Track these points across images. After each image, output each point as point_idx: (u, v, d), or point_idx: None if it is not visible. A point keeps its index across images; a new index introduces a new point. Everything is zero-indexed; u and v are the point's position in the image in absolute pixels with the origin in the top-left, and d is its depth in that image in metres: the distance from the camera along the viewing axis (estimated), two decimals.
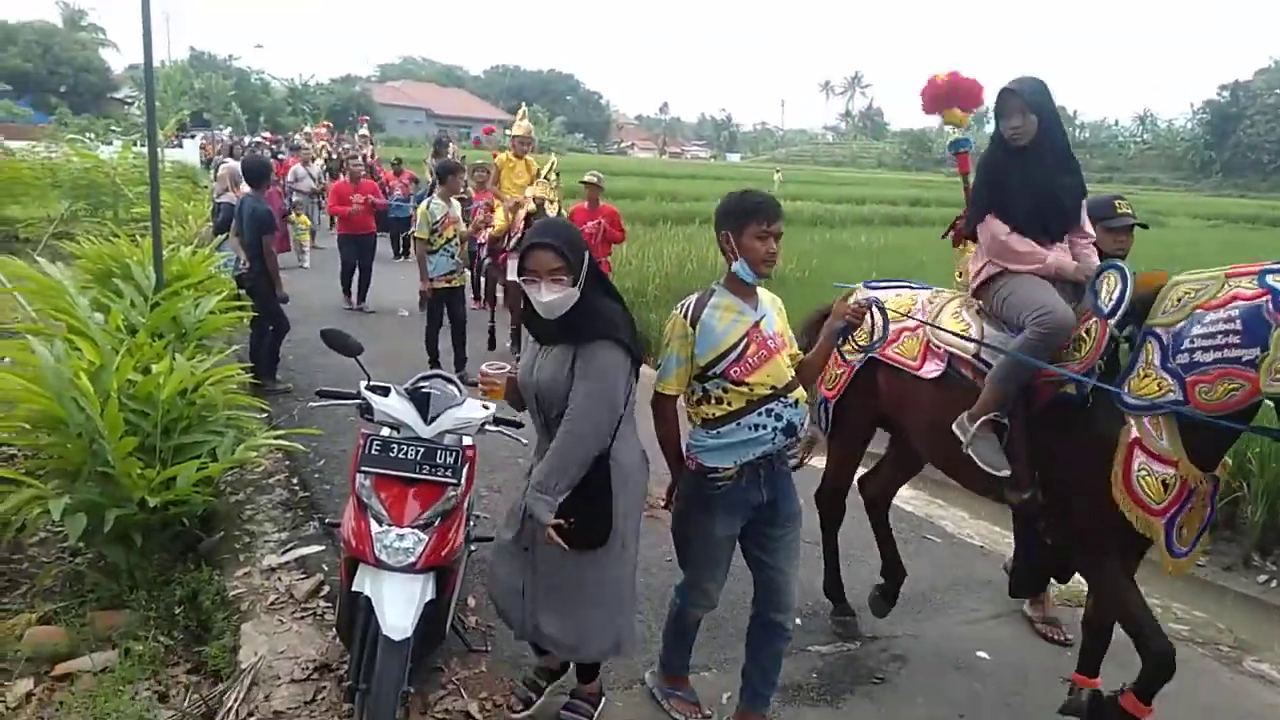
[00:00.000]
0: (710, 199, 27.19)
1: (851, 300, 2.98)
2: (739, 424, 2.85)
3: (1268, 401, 2.65)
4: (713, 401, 2.88)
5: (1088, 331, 3.04)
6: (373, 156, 16.36)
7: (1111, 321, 2.96)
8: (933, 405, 3.44)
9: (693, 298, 2.92)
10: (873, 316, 3.05)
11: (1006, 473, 3.14)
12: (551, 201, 7.96)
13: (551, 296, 2.77)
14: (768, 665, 3.12)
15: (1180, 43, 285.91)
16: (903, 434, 3.91)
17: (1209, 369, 2.67)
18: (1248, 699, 3.67)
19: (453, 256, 7.86)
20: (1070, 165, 3.35)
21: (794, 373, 2.93)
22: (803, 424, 2.94)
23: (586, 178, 8.63)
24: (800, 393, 2.93)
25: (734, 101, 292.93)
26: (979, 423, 3.18)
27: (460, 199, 8.62)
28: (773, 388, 2.85)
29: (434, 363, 7.63)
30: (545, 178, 8.36)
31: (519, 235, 8.11)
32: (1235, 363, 2.61)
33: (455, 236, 7.87)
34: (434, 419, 3.23)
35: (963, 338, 3.39)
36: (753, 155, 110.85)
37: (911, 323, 3.59)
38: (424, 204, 8.03)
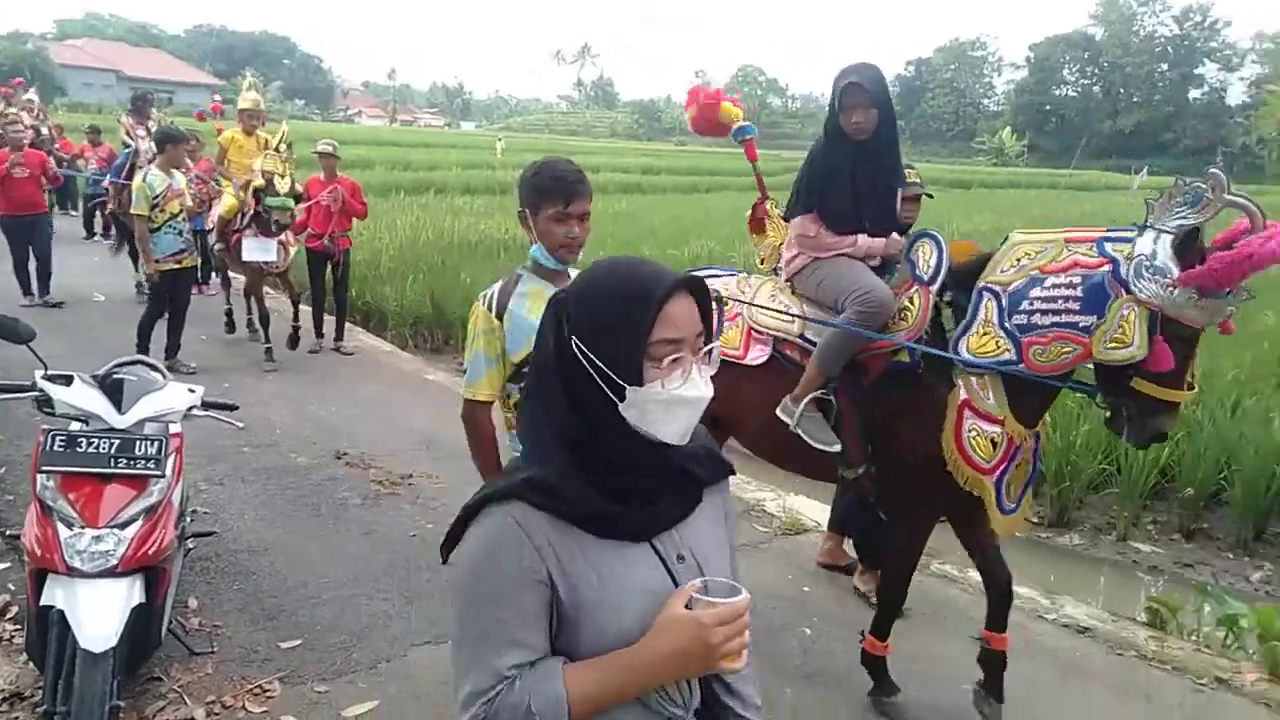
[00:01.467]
0: (444, 167, 26.61)
1: None
2: None
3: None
4: None
5: (910, 300, 3.05)
6: (37, 117, 13.29)
7: (933, 288, 3.01)
8: (761, 393, 3.30)
9: (495, 286, 2.50)
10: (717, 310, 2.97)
11: (837, 448, 3.12)
12: (282, 175, 7.29)
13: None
14: None
15: (874, 19, 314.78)
16: (730, 432, 3.66)
17: (1046, 331, 2.72)
18: (934, 594, 4.20)
19: (180, 234, 7.05)
20: (898, 159, 3.34)
21: None
22: None
23: (320, 147, 7.96)
24: None
25: (467, 70, 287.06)
26: (804, 402, 3.14)
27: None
28: None
29: (142, 349, 6.89)
30: (275, 149, 7.64)
31: (251, 213, 7.42)
32: (1072, 328, 2.67)
33: (181, 212, 7.06)
34: (130, 407, 2.94)
35: (792, 315, 3.31)
36: (488, 123, 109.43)
37: (730, 311, 3.48)
38: (140, 176, 7.07)
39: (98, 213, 13.28)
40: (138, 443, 2.87)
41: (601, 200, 21.13)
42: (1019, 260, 2.83)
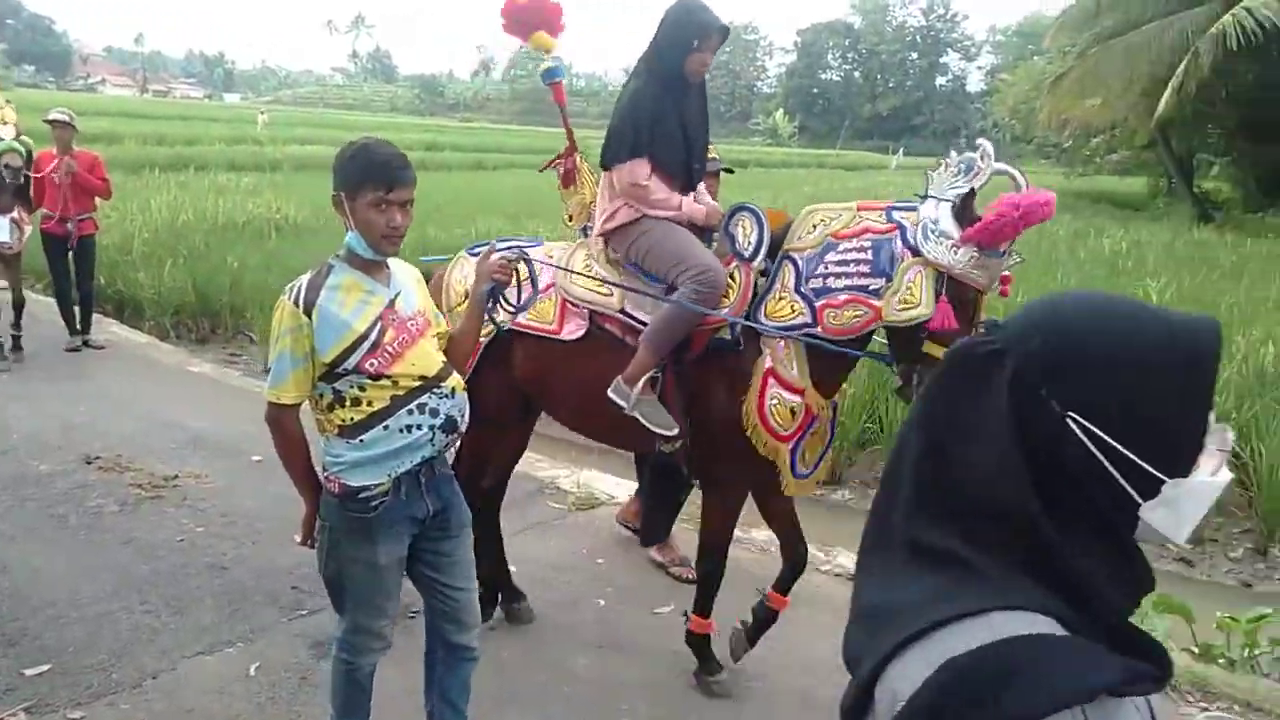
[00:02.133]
0: (205, 142, 24.70)
1: (494, 257, 2.56)
2: (386, 427, 2.28)
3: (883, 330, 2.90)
4: (348, 404, 2.28)
5: (732, 276, 3.01)
6: None
7: (755, 264, 2.99)
8: (580, 369, 3.15)
9: (303, 279, 2.28)
10: (518, 271, 2.66)
11: (675, 431, 3.04)
12: (3, 123, 6.41)
13: None
14: (457, 696, 2.67)
15: (654, 6, 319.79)
16: (545, 409, 3.56)
17: (839, 294, 2.79)
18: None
19: None
20: (707, 110, 3.24)
21: (445, 356, 2.47)
22: (463, 417, 2.45)
23: (53, 115, 6.95)
24: (457, 380, 2.44)
25: (229, 38, 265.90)
26: (639, 384, 3.01)
27: None
28: (422, 378, 2.32)
29: None
30: None
31: None
32: (863, 290, 2.76)
33: None
34: None
35: (611, 286, 3.16)
36: (254, 96, 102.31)
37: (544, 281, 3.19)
38: None
39: None
40: None
41: None
42: (815, 227, 2.90)
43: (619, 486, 5.19)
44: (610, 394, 3.04)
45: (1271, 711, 3.27)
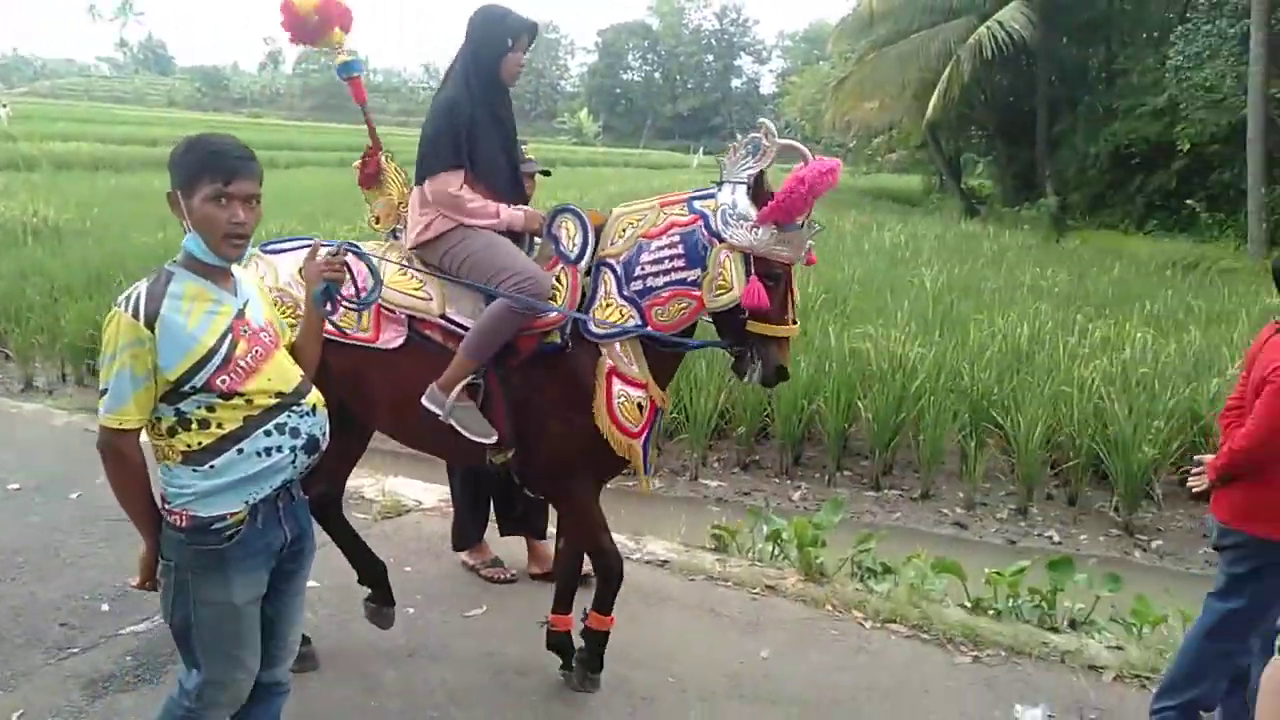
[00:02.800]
0: None
1: (320, 254, 2.37)
2: (241, 451, 2.07)
3: (706, 318, 2.95)
4: (194, 427, 2.05)
5: (559, 279, 2.98)
6: None
7: (580, 266, 2.97)
8: (399, 378, 3.02)
9: (140, 287, 2.04)
10: (352, 266, 2.48)
11: (493, 439, 2.98)
12: None
13: None
14: None
15: (450, 2, 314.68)
16: (362, 420, 3.34)
17: (661, 292, 2.85)
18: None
19: None
20: (511, 107, 3.19)
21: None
22: (325, 435, 2.26)
23: None
24: (317, 396, 2.26)
25: None
26: (455, 391, 2.93)
27: None
28: (279, 394, 2.13)
29: None
30: None
31: None
32: (682, 283, 2.82)
33: None
34: None
35: (429, 294, 3.03)
36: (4, 87, 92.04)
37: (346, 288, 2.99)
38: None
39: None
40: None
41: (159, 176, 18.92)
42: (624, 231, 2.93)
43: (426, 492, 5.08)
44: (424, 401, 2.94)
45: (1032, 653, 3.65)
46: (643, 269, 2.87)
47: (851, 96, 23.93)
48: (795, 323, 2.93)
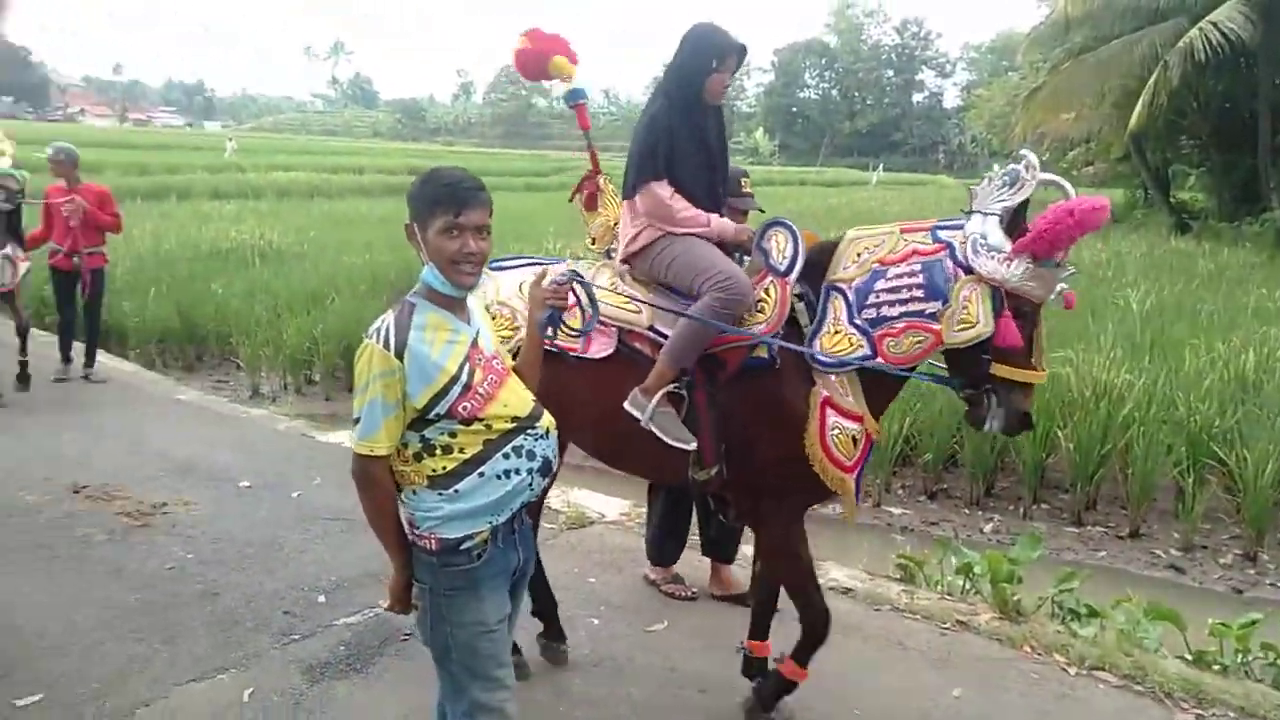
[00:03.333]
0: (187, 171, 24.65)
1: (546, 281, 2.42)
2: (482, 474, 2.13)
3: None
4: (438, 452, 2.12)
5: (767, 292, 2.91)
6: None
7: (790, 279, 2.89)
8: (604, 389, 2.99)
9: (388, 319, 2.10)
10: (577, 293, 2.57)
11: (693, 445, 2.91)
12: (2, 153, 6.25)
13: None
14: None
15: (631, 28, 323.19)
16: (563, 429, 3.18)
17: (896, 323, 2.71)
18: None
19: None
20: (724, 132, 3.21)
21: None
22: (556, 458, 2.32)
23: (51, 153, 6.87)
24: (549, 420, 2.29)
25: (207, 66, 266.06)
26: (657, 396, 2.90)
27: None
28: (515, 419, 2.18)
29: None
30: None
31: None
32: (920, 316, 2.67)
33: None
34: None
35: (639, 304, 3.05)
36: (235, 123, 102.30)
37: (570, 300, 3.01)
38: None
39: None
40: None
41: (365, 203, 20.47)
42: (859, 255, 2.81)
43: (609, 505, 5.19)
44: (626, 405, 2.93)
45: (1266, 717, 3.30)
46: (877, 297, 2.74)
47: (1045, 107, 22.63)
48: (1044, 368, 2.73)
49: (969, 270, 2.63)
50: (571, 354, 3.02)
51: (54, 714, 3.05)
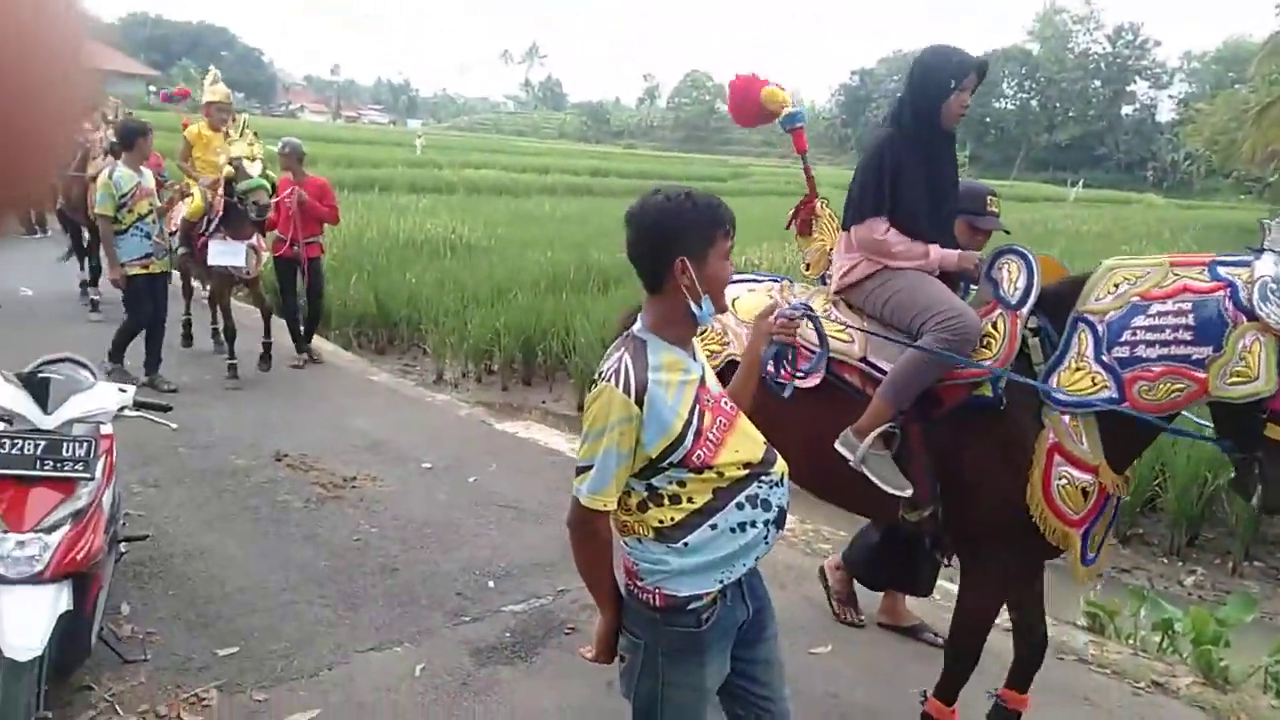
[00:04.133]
0: (389, 165, 26.24)
1: (775, 315, 2.20)
2: (714, 526, 1.94)
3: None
4: (666, 502, 1.94)
5: (995, 326, 2.70)
6: None
7: (1022, 312, 2.68)
8: (810, 421, 2.84)
9: (623, 360, 1.92)
10: (806, 331, 2.35)
11: (908, 492, 2.75)
12: (251, 159, 6.63)
13: None
14: None
15: (817, 31, 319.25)
16: None
17: (1153, 365, 2.43)
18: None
19: (148, 236, 6.36)
20: (955, 155, 3.09)
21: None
22: (787, 507, 2.09)
23: (280, 146, 7.44)
24: (783, 465, 2.09)
25: (412, 66, 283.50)
26: (871, 437, 2.74)
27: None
28: (748, 465, 1.98)
29: (116, 361, 6.37)
30: (240, 134, 6.90)
31: (219, 216, 6.81)
32: (1184, 361, 2.38)
33: (151, 212, 6.39)
34: (57, 407, 2.81)
35: (864, 331, 2.90)
36: (434, 122, 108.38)
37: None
38: (105, 173, 6.40)
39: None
40: (65, 444, 2.74)
41: (549, 201, 21.14)
42: (1116, 287, 2.54)
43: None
44: (837, 445, 2.80)
45: None
46: (1134, 334, 2.46)
47: (1279, 124, 20.61)
48: None
49: (1252, 316, 2.31)
50: (779, 383, 2.89)
51: (249, 666, 3.30)
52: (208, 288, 7.92)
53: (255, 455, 5.39)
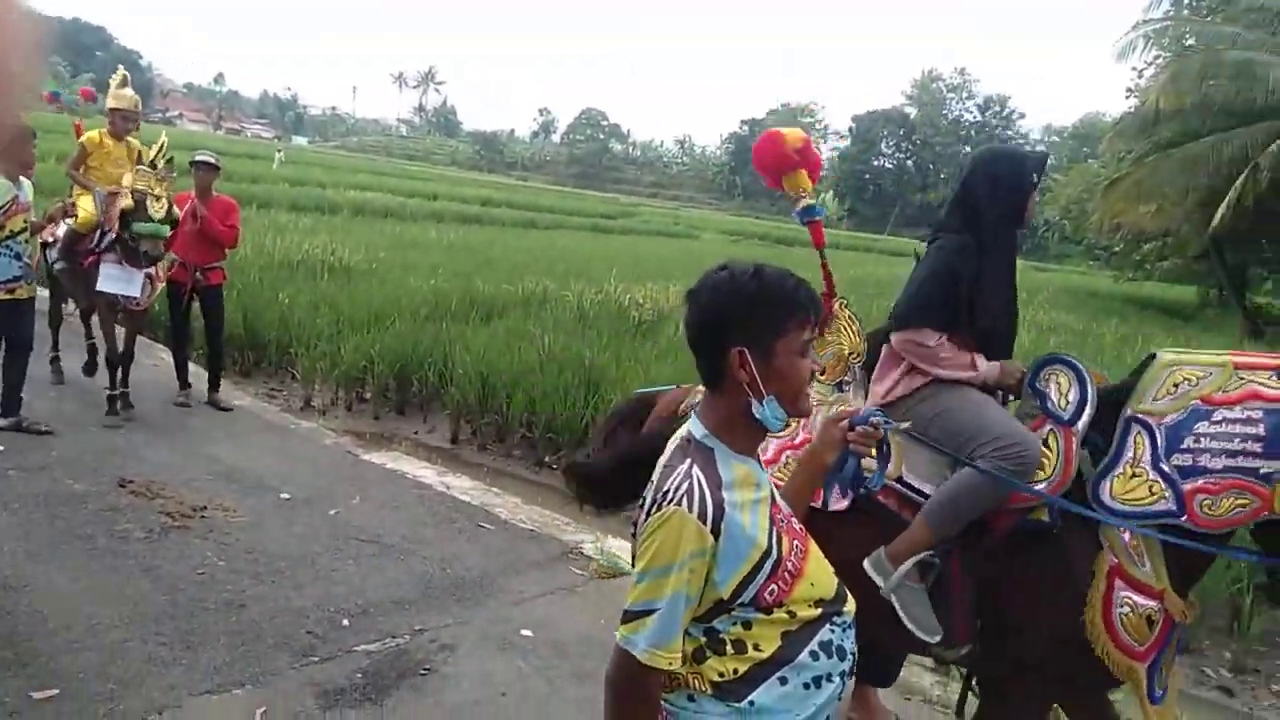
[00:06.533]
0: (270, 181, 25.40)
1: (845, 422, 1.85)
2: (784, 679, 1.58)
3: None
4: (728, 650, 1.58)
5: (1047, 444, 2.47)
6: None
7: (1077, 428, 2.47)
8: (840, 547, 2.25)
9: (692, 475, 1.55)
10: (885, 440, 1.93)
11: (937, 639, 2.48)
12: (157, 197, 5.97)
13: None
14: None
15: (711, 79, 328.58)
16: None
17: (1217, 477, 2.25)
18: None
19: (18, 257, 5.59)
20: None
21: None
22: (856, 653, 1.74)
23: (199, 157, 6.76)
24: (853, 604, 1.74)
25: (302, 83, 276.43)
26: (907, 564, 2.48)
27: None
28: (820, 602, 1.64)
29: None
30: (151, 163, 6.12)
31: (113, 234, 6.02)
32: (1251, 474, 2.22)
33: (24, 230, 5.68)
34: None
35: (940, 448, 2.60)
36: (321, 140, 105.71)
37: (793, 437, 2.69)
38: None
39: None
40: None
41: (435, 228, 20.85)
42: (1176, 386, 2.35)
43: None
44: (867, 566, 2.50)
45: None
46: (1196, 441, 2.28)
47: (1125, 198, 22.26)
48: None
49: None
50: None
51: (67, 710, 3.06)
52: (78, 309, 7.27)
53: (96, 480, 5.05)
